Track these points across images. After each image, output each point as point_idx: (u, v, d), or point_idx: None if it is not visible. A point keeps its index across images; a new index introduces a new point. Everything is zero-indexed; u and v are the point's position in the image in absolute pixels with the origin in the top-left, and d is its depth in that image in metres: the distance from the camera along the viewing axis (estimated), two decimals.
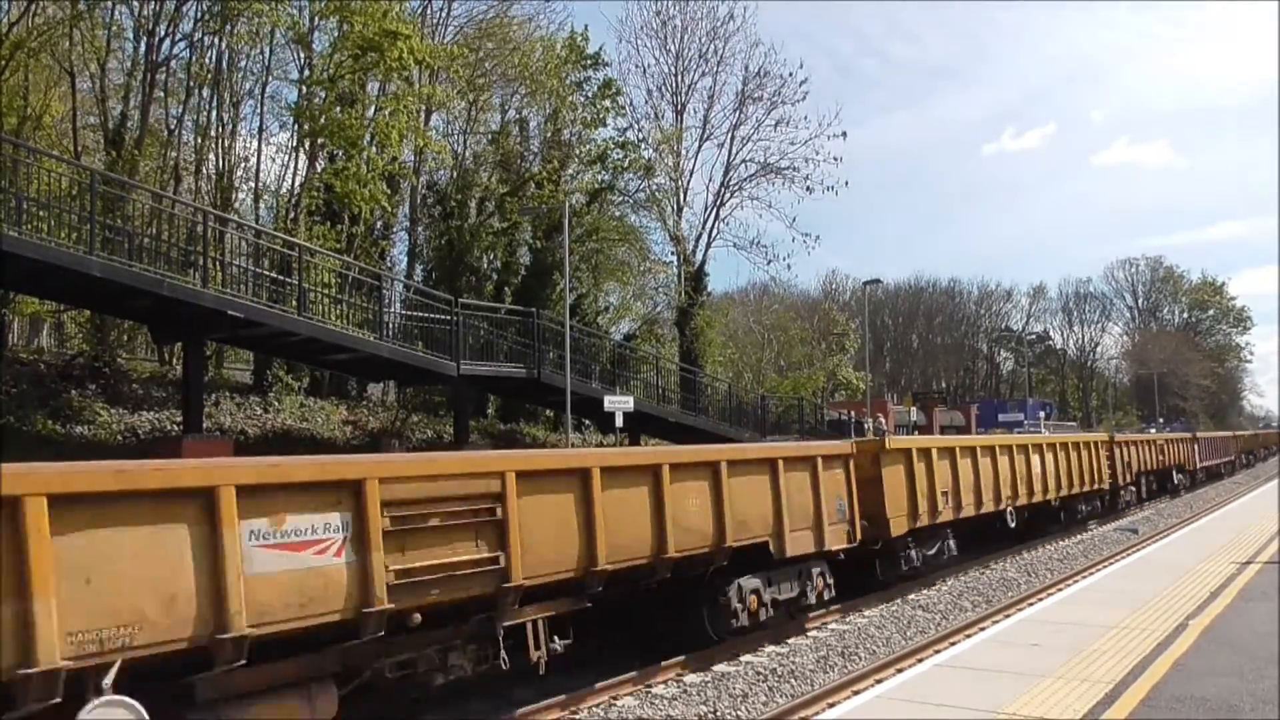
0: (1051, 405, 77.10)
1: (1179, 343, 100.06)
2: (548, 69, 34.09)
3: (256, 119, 29.88)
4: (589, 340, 28.96)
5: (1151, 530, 24.38)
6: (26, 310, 24.96)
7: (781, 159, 39.98)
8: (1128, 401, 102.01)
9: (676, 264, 40.12)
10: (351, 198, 24.40)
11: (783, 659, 11.26)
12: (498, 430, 30.55)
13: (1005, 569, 18.22)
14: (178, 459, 8.60)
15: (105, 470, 5.92)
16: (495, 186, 35.13)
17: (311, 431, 23.33)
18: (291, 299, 19.07)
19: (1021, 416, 60.12)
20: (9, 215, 14.93)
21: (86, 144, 26.62)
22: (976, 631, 11.72)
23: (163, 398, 21.80)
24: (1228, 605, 10.50)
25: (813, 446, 13.13)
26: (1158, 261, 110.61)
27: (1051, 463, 21.36)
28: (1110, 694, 7.09)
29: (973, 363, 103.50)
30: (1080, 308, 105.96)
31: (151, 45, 24.26)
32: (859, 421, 37.88)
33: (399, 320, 23.09)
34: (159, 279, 16.30)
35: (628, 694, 9.78)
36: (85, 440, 18.13)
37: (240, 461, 7.58)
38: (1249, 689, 7.11)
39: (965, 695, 7.27)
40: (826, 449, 13.04)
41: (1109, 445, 26.79)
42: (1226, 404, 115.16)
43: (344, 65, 24.86)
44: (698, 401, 30.67)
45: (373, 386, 31.60)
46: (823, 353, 56.49)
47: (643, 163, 37.30)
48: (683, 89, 40.70)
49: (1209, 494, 37.35)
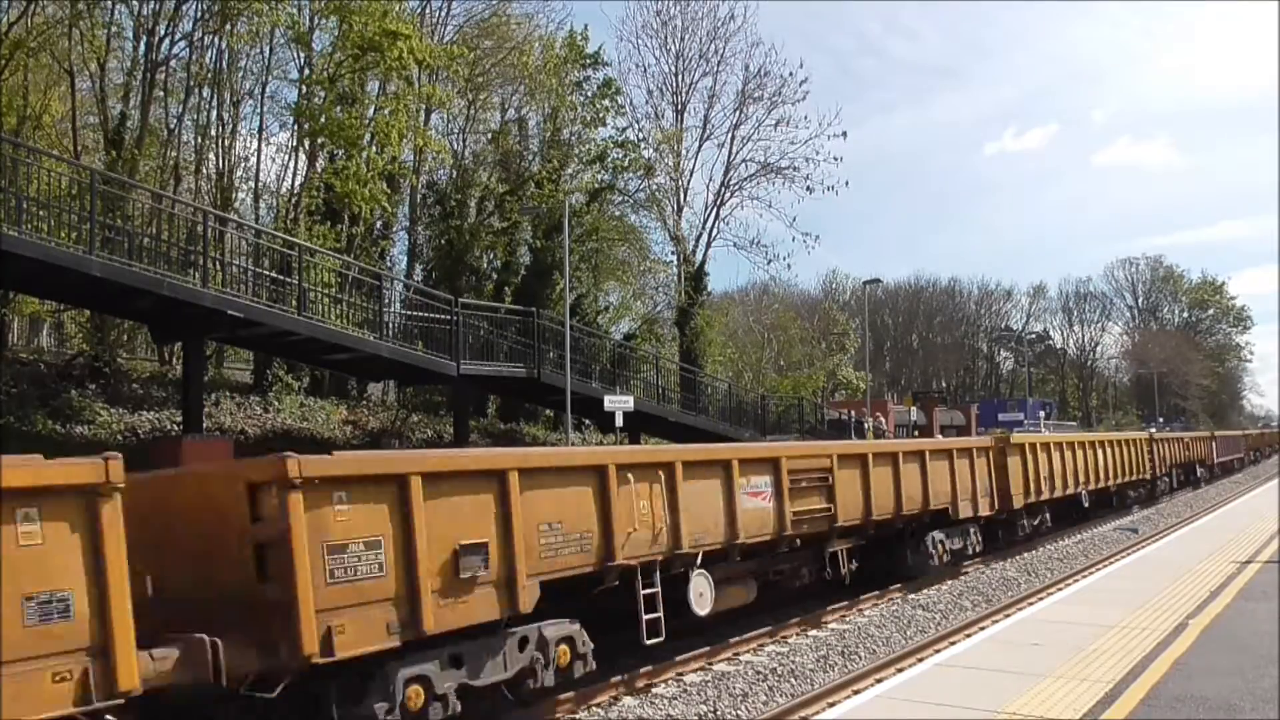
0: (1052, 405, 77.08)
1: (1179, 342, 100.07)
2: (547, 68, 34.09)
3: (256, 119, 29.91)
4: (589, 340, 28.96)
5: (1151, 530, 24.37)
6: (26, 310, 24.97)
7: (782, 159, 40.10)
8: (1128, 401, 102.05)
9: (676, 264, 40.16)
10: (351, 197, 24.41)
11: (783, 658, 11.26)
12: (498, 430, 30.54)
13: (1005, 569, 18.22)
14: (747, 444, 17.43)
15: (699, 452, 11.52)
16: (495, 186, 35.14)
17: (311, 431, 23.33)
18: (291, 299, 19.07)
19: (1021, 416, 60.05)
20: (9, 215, 14.93)
21: (86, 144, 26.63)
22: (976, 631, 11.73)
23: (163, 397, 21.81)
24: (1228, 604, 10.50)
25: (971, 441, 20.15)
26: (1158, 261, 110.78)
27: (1111, 456, 26.35)
28: (1110, 693, 7.09)
29: (973, 362, 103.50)
30: (1080, 307, 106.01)
31: (151, 45, 24.26)
32: (859, 421, 37.89)
33: (399, 320, 23.09)
34: (159, 279, 16.30)
35: (628, 694, 9.78)
36: (85, 440, 18.12)
37: (743, 448, 13.02)
38: (1249, 688, 7.11)
39: (965, 695, 7.27)
40: (978, 443, 18.90)
41: (1150, 442, 31.87)
42: (1227, 404, 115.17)
43: (344, 65, 24.88)
44: (698, 401, 30.67)
45: (373, 386, 31.60)
46: (823, 352, 56.49)
47: (643, 162, 37.33)
48: (683, 89, 40.81)
49: (1209, 494, 37.37)
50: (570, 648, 8.73)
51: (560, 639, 8.69)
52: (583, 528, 9.00)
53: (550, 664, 8.58)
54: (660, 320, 43.26)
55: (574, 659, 8.76)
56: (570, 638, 8.79)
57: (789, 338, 54.35)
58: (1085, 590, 12.55)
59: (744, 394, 37.46)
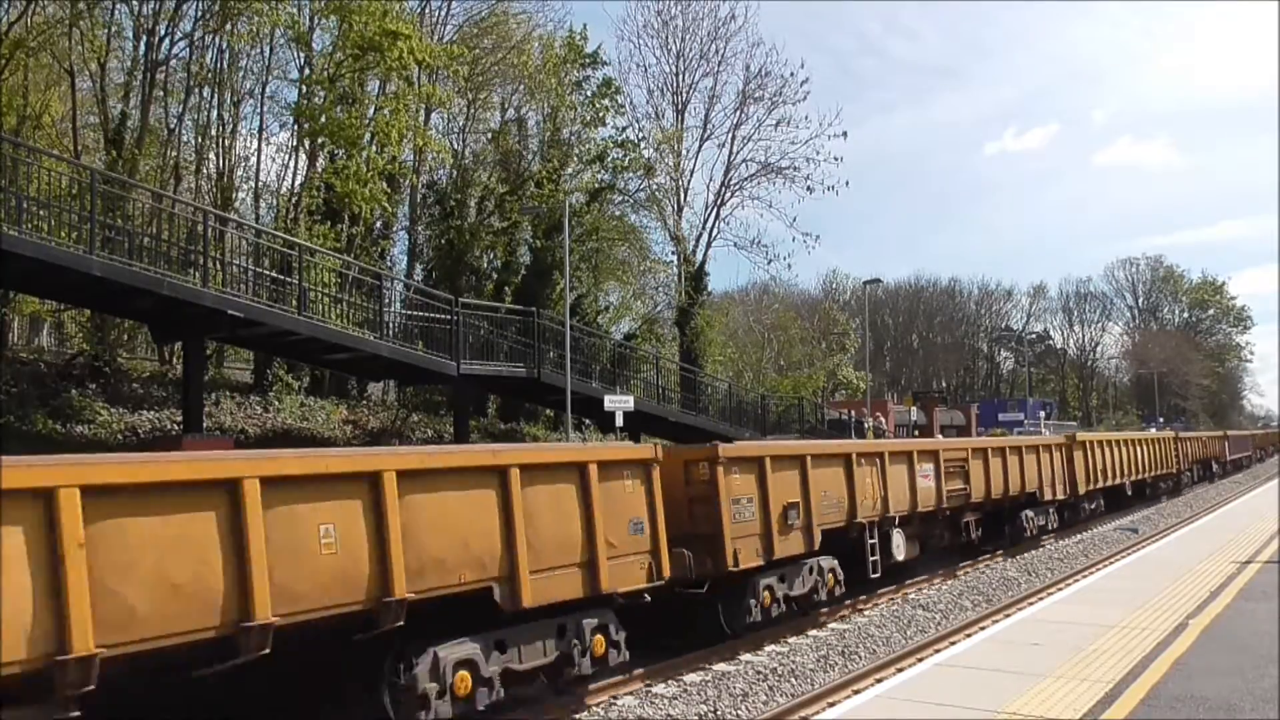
0: (1052, 405, 77.10)
1: (1179, 342, 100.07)
2: (546, 68, 34.07)
3: (256, 118, 29.90)
4: (589, 340, 28.95)
5: (1151, 530, 24.38)
6: (26, 310, 24.97)
7: (782, 159, 40.08)
8: (1128, 401, 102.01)
9: (677, 263, 40.12)
10: (351, 197, 24.40)
11: (783, 658, 11.26)
12: (498, 429, 30.54)
13: (1005, 568, 18.23)
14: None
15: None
16: (495, 186, 35.12)
17: (312, 431, 23.33)
18: (292, 298, 19.06)
19: (1021, 416, 60.07)
20: (9, 214, 14.92)
21: (86, 143, 26.62)
22: (977, 631, 11.73)
23: (163, 397, 21.80)
24: (1228, 604, 10.51)
25: (1050, 439, 24.38)
26: (1158, 261, 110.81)
27: (1147, 452, 31.04)
28: (1110, 693, 7.09)
29: (973, 362, 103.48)
30: (1080, 307, 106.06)
31: (151, 45, 24.24)
32: (859, 421, 37.89)
33: (399, 320, 23.08)
34: (159, 278, 16.29)
35: (628, 693, 9.78)
36: (85, 439, 18.13)
37: (913, 443, 20.75)
38: (1249, 688, 7.11)
39: (965, 694, 7.27)
40: (1055, 441, 23.57)
41: (1175, 440, 36.30)
42: (1227, 403, 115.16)
43: (344, 65, 24.87)
44: (698, 401, 30.67)
45: (373, 386, 31.59)
46: (823, 352, 56.45)
47: (643, 162, 37.31)
48: (684, 88, 40.78)
49: (1209, 493, 37.37)
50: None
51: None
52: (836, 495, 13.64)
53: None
54: (660, 320, 43.25)
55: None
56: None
57: (789, 338, 54.33)
58: (1085, 590, 12.55)
59: (744, 394, 37.44)
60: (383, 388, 32.48)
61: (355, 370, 25.31)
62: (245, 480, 6.33)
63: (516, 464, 8.34)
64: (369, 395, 31.19)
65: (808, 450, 12.98)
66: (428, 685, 7.47)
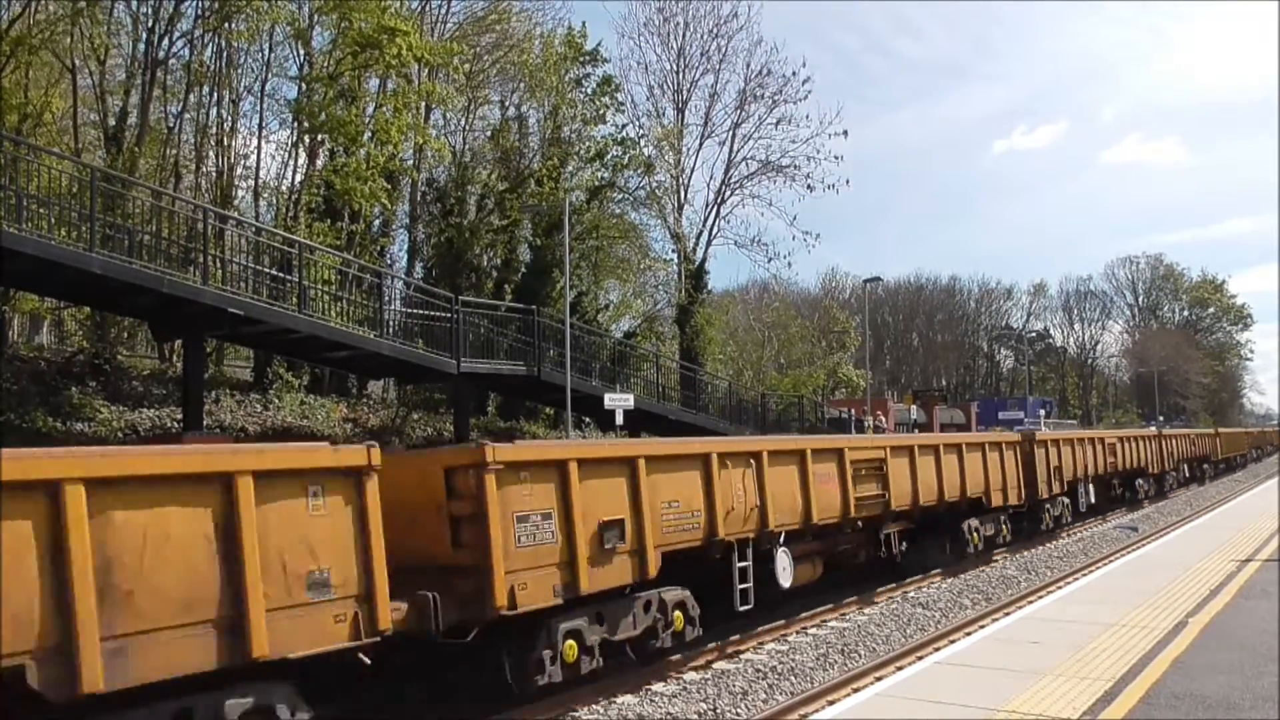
0: (1052, 403, 77.13)
1: (1179, 340, 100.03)
2: (547, 65, 34.03)
3: (256, 116, 29.83)
4: (589, 338, 28.93)
5: (1151, 528, 24.37)
6: (26, 307, 24.95)
7: (783, 157, 39.98)
8: (1128, 399, 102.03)
9: (677, 261, 40.07)
10: (351, 194, 24.38)
11: (783, 656, 11.26)
12: (498, 428, 30.51)
13: (1005, 567, 18.22)
14: None
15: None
16: (495, 183, 35.09)
17: (312, 429, 23.32)
18: (292, 296, 19.04)
19: (1021, 415, 60.05)
20: (9, 212, 14.90)
21: (86, 141, 26.58)
22: (976, 629, 11.73)
23: (163, 395, 21.79)
24: (1227, 603, 10.51)
25: (1001, 436, 21.05)
26: (1158, 259, 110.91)
27: (1125, 451, 28.73)
28: (1110, 691, 7.09)
29: (973, 360, 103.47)
30: (1080, 306, 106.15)
31: (151, 42, 24.22)
32: (859, 420, 37.89)
33: (399, 318, 23.06)
34: (159, 276, 16.27)
35: (627, 692, 9.77)
36: (85, 437, 18.11)
37: (807, 440, 14.55)
38: (1249, 686, 7.11)
39: (965, 693, 7.27)
40: (1008, 438, 20.54)
41: (1159, 438, 34.11)
42: (1227, 402, 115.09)
43: (343, 62, 24.83)
44: (698, 399, 30.65)
45: (373, 384, 31.58)
46: (823, 350, 56.39)
47: (643, 160, 37.27)
48: (684, 86, 40.69)
49: (1209, 492, 37.35)
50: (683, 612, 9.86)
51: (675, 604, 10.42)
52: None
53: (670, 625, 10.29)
54: (660, 318, 43.21)
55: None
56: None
57: (789, 336, 54.28)
58: (1085, 588, 12.55)
59: (744, 392, 37.41)
60: (383, 386, 32.48)
61: (355, 368, 25.29)
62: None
63: (80, 477, 5.70)
64: (369, 393, 31.19)
65: (641, 451, 10.06)
66: None
